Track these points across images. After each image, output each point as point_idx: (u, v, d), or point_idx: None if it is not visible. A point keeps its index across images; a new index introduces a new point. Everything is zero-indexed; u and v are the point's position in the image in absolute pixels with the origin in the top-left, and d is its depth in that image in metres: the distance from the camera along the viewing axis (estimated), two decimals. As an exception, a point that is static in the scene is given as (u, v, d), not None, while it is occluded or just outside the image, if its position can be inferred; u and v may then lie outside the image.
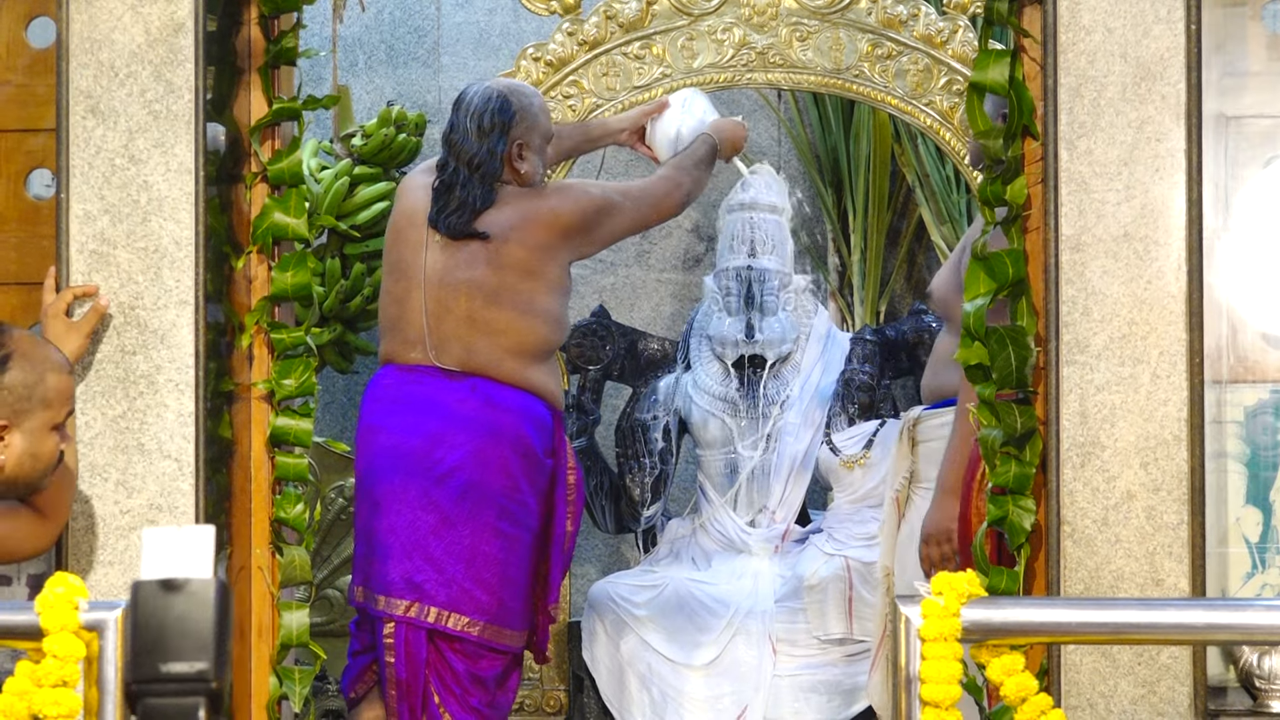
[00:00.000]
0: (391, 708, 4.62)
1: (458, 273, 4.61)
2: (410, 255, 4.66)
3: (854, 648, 5.55)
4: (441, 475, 4.57)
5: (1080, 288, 3.72)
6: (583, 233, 4.66)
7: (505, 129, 4.62)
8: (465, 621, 4.56)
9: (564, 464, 4.72)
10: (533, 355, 4.63)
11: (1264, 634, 2.88)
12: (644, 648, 5.59)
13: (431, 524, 4.57)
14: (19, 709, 2.78)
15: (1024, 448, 3.76)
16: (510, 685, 4.73)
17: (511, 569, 4.61)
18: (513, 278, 4.59)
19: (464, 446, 4.58)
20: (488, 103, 4.63)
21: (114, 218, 3.86)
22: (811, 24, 5.60)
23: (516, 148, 4.64)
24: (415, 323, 4.63)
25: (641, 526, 6.01)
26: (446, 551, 4.57)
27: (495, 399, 4.60)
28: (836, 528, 5.79)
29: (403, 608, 4.57)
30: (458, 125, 4.64)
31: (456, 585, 4.56)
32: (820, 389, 5.92)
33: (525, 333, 4.60)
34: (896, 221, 6.69)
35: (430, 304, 4.61)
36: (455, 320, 4.60)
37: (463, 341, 4.60)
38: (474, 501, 4.57)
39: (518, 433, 4.60)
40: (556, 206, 4.64)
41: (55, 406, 3.50)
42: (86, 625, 2.80)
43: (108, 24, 3.86)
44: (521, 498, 4.61)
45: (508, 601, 4.61)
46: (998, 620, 2.80)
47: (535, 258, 4.60)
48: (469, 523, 4.57)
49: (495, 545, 4.58)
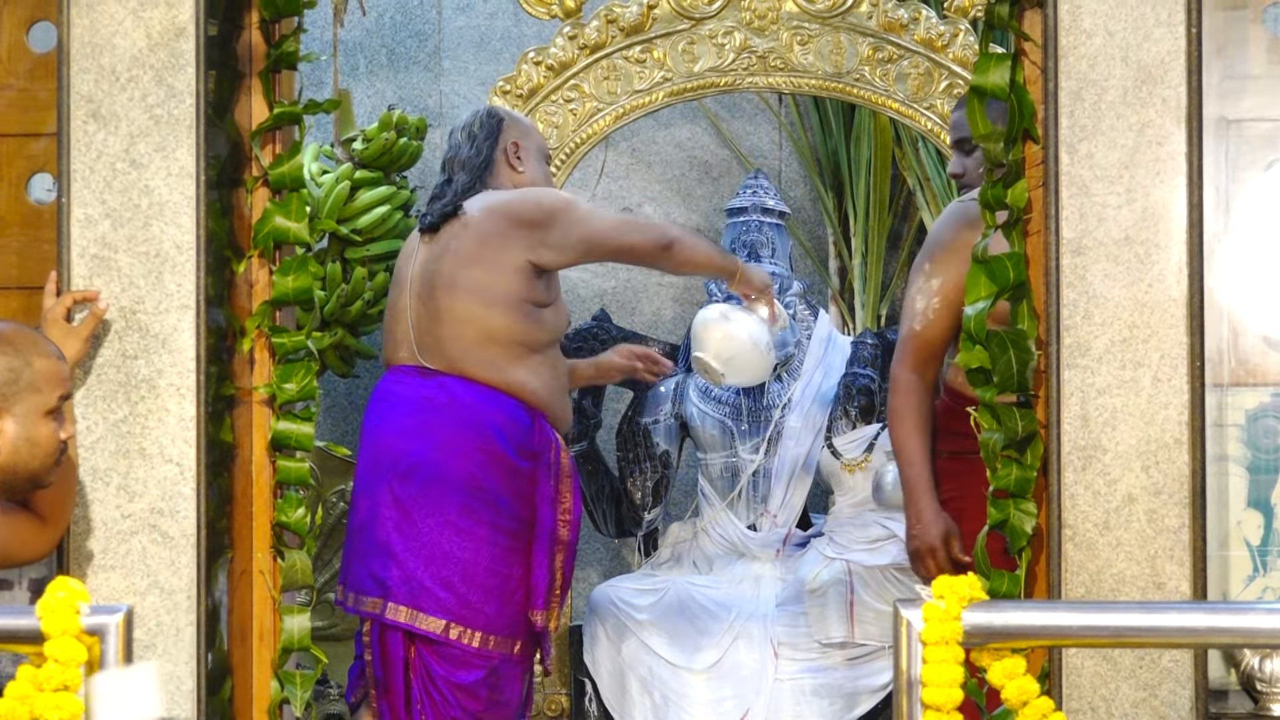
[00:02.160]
0: (373, 707, 4.64)
1: (431, 265, 4.70)
2: (404, 264, 4.79)
3: (855, 651, 5.55)
4: (404, 471, 4.61)
5: (1081, 291, 3.72)
6: (537, 227, 4.65)
7: (495, 131, 4.77)
8: (427, 620, 4.57)
9: (547, 467, 4.69)
10: (505, 348, 4.64)
11: (1265, 637, 2.88)
12: (645, 651, 5.59)
13: (394, 520, 4.61)
14: (20, 713, 2.78)
15: (1025, 451, 3.76)
16: (508, 699, 4.67)
17: (476, 568, 4.59)
18: (466, 264, 4.65)
19: (426, 442, 4.61)
20: (476, 115, 4.83)
21: (115, 222, 3.86)
22: (812, 28, 5.60)
23: (512, 146, 4.77)
24: (403, 323, 4.74)
25: (643, 530, 6.00)
26: (406, 548, 4.58)
27: (459, 396, 4.62)
28: (838, 531, 5.78)
29: (369, 604, 4.60)
30: (452, 143, 4.81)
31: (416, 582, 4.57)
32: (821, 392, 5.91)
33: (486, 321, 4.63)
34: (897, 225, 6.69)
35: (413, 303, 4.72)
36: (429, 315, 4.67)
37: (435, 334, 4.67)
38: (434, 498, 4.58)
39: (480, 430, 4.60)
40: (516, 197, 4.72)
41: (45, 391, 3.49)
42: (88, 630, 2.80)
43: (109, 28, 3.86)
44: (487, 497, 4.59)
45: (477, 603, 4.58)
46: (999, 624, 2.80)
47: (485, 245, 4.65)
48: (428, 519, 4.59)
49: (455, 543, 4.58)
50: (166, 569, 3.84)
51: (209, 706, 3.86)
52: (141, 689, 2.62)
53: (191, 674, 3.83)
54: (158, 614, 3.84)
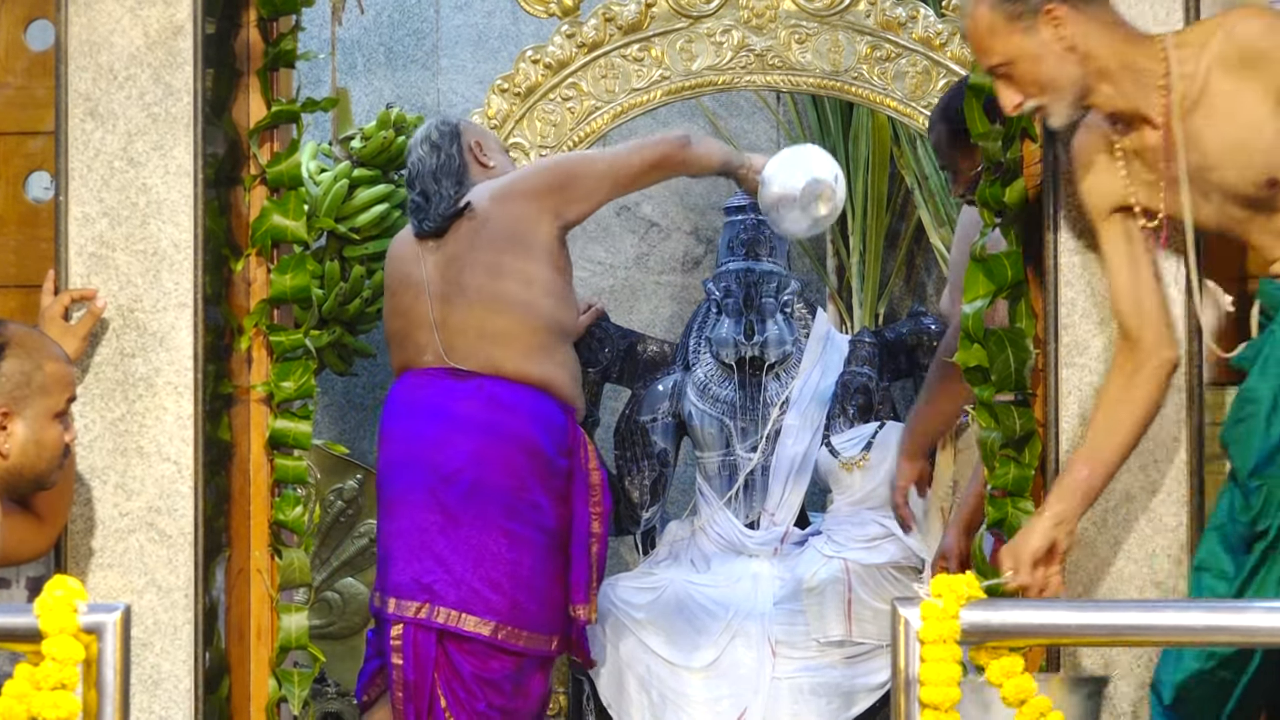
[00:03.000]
0: (398, 710, 4.63)
1: (457, 262, 4.68)
2: (411, 269, 4.75)
3: (853, 650, 5.55)
4: (447, 475, 4.59)
5: (1080, 290, 3.72)
6: (558, 189, 4.70)
7: (456, 136, 4.79)
8: (476, 622, 4.57)
9: (582, 463, 4.71)
10: (543, 338, 4.64)
11: (1263, 636, 2.88)
12: (643, 650, 5.59)
13: (438, 524, 4.59)
14: (18, 712, 2.78)
15: (1023, 450, 3.76)
16: (531, 692, 4.70)
17: (523, 569, 4.61)
18: (506, 249, 4.65)
19: (469, 446, 4.60)
20: (429, 129, 4.84)
21: (113, 220, 3.86)
22: (810, 26, 5.60)
23: (476, 145, 4.81)
24: (424, 327, 4.70)
25: (641, 529, 6.00)
26: (453, 551, 4.58)
27: (501, 398, 4.61)
28: (836, 530, 5.78)
29: (413, 609, 4.59)
30: (413, 159, 4.80)
31: (466, 585, 4.57)
32: (819, 391, 5.91)
33: (531, 308, 4.63)
34: (895, 223, 6.68)
35: (435, 304, 4.67)
36: (463, 311, 4.64)
37: (474, 330, 4.64)
38: (480, 501, 4.58)
39: (524, 432, 4.61)
40: (521, 175, 4.80)
41: (55, 394, 3.50)
42: (85, 628, 2.80)
43: (106, 27, 3.86)
44: (531, 497, 4.61)
45: (523, 602, 4.61)
46: (997, 622, 2.80)
47: (521, 224, 4.66)
48: (475, 522, 4.58)
49: (503, 545, 4.59)
50: (164, 567, 3.84)
51: (206, 705, 3.86)
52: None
53: (189, 672, 3.83)
54: (155, 612, 3.83)
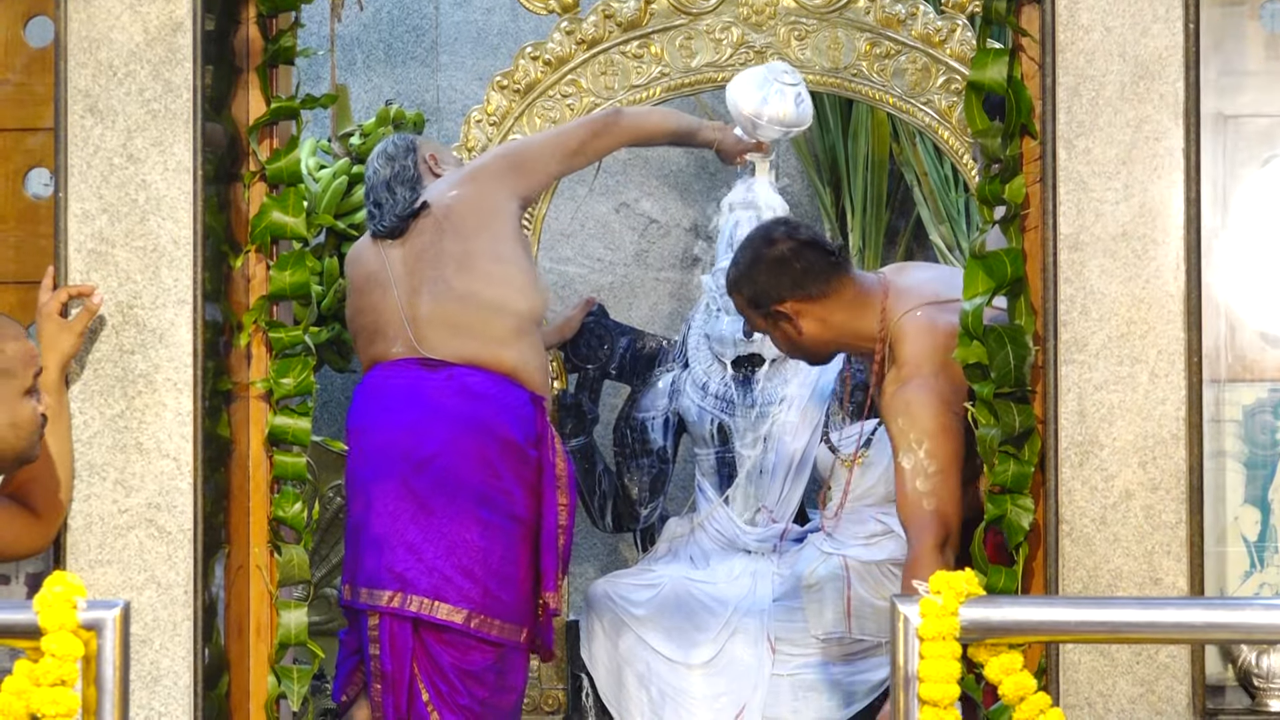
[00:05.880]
0: (377, 702, 4.64)
1: (423, 255, 4.74)
2: (374, 268, 4.81)
3: (852, 646, 5.55)
4: (419, 463, 4.62)
5: (1079, 287, 3.72)
6: (512, 167, 4.81)
7: (410, 148, 4.89)
8: (449, 610, 4.59)
9: (550, 452, 4.73)
10: (514, 325, 4.69)
11: (1262, 633, 2.88)
12: (642, 646, 5.59)
13: (410, 512, 4.62)
14: (17, 708, 2.78)
15: (1022, 446, 3.76)
16: (513, 684, 4.73)
17: (494, 558, 4.63)
18: (474, 233, 4.72)
19: (440, 435, 4.63)
20: (384, 145, 4.94)
21: (112, 217, 3.86)
22: (809, 23, 5.60)
23: (431, 158, 4.91)
24: (394, 321, 4.74)
25: (640, 525, 6.00)
26: (425, 539, 4.60)
27: (472, 388, 4.65)
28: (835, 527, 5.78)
29: (386, 598, 4.61)
30: (370, 172, 4.89)
31: (438, 573, 4.59)
32: (818, 388, 5.91)
33: (501, 288, 4.68)
34: (894, 220, 6.69)
35: (404, 296, 4.73)
36: (432, 303, 4.68)
37: (445, 321, 4.68)
38: (452, 488, 4.60)
39: (496, 421, 4.64)
40: (472, 166, 4.92)
41: (20, 374, 3.52)
42: (85, 624, 2.80)
43: (106, 23, 3.86)
44: (503, 486, 4.63)
45: (495, 591, 4.62)
46: (996, 619, 2.80)
47: (486, 201, 4.75)
48: (447, 509, 4.61)
49: (475, 532, 4.61)
50: (163, 564, 3.84)
51: (206, 701, 3.86)
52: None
53: (188, 669, 3.83)
54: (154, 609, 3.84)
